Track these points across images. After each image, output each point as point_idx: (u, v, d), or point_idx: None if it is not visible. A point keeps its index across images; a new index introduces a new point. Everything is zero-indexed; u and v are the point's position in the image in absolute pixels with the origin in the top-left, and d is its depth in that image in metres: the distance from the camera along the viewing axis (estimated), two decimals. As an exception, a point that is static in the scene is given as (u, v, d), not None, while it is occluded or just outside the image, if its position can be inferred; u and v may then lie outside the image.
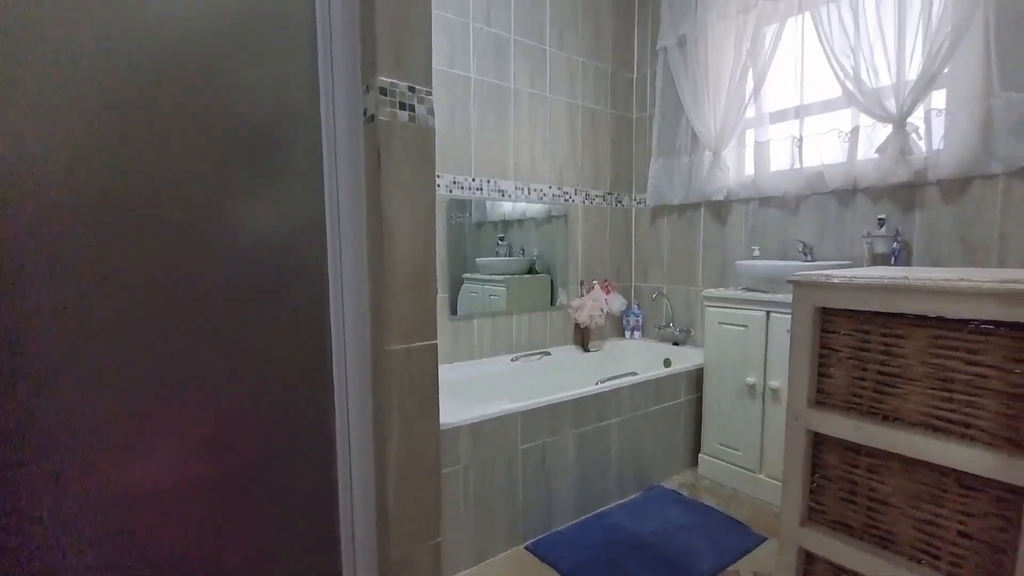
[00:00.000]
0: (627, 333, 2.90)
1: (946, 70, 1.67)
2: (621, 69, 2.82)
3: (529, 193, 2.50)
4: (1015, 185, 1.61)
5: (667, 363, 2.63)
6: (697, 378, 2.23)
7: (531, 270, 2.65)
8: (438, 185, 2.17)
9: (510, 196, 2.44)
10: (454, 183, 2.23)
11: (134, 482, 0.91)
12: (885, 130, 1.82)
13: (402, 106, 1.04)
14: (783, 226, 2.22)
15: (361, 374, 1.12)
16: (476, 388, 2.19)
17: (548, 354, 2.56)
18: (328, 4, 1.05)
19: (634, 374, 2.14)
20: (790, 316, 1.80)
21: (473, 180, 2.30)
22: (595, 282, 2.76)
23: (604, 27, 2.72)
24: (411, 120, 1.06)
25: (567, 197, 2.65)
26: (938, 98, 1.74)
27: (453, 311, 2.29)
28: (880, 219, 1.86)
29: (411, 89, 1.06)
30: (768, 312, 1.90)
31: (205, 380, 0.96)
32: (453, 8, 2.16)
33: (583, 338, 2.75)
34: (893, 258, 1.84)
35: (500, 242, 2.52)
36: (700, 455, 2.20)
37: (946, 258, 1.76)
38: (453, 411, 1.57)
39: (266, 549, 1.04)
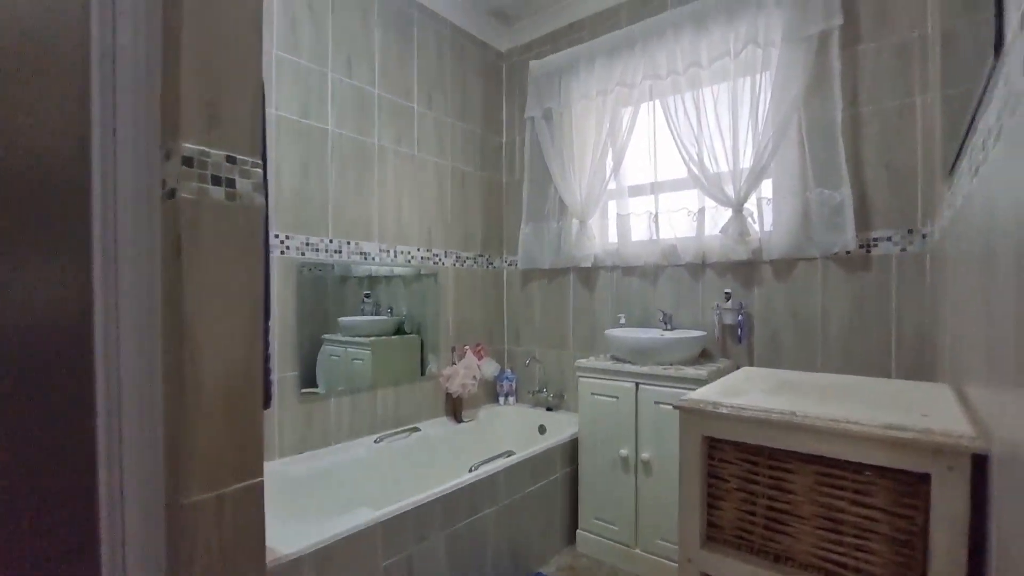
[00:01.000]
0: (501, 399, 2.79)
1: (772, 164, 1.88)
2: (490, 133, 2.83)
3: (396, 256, 2.31)
4: (830, 267, 1.84)
5: (542, 430, 2.56)
6: (572, 449, 2.17)
7: (399, 330, 2.43)
8: (286, 247, 1.89)
9: (374, 259, 2.22)
10: (307, 245, 1.96)
11: None
12: (727, 212, 1.99)
13: (216, 180, 0.81)
14: (645, 294, 2.32)
15: (147, 539, 0.81)
16: (330, 485, 1.87)
17: (417, 430, 2.32)
18: (111, 34, 0.80)
19: (510, 453, 2.01)
20: (660, 389, 1.85)
21: (331, 241, 2.05)
22: (467, 347, 2.62)
23: (472, 91, 2.71)
24: (229, 198, 0.83)
25: (437, 260, 2.51)
26: (768, 188, 1.95)
27: (307, 383, 1.97)
28: (727, 292, 2.02)
29: (230, 159, 0.83)
30: (637, 384, 1.92)
31: None
32: (308, 55, 1.96)
33: (455, 408, 2.56)
34: (739, 329, 1.99)
35: (366, 300, 2.27)
36: (578, 531, 2.11)
37: (781, 329, 1.94)
38: (293, 533, 1.27)
39: None
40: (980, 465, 0.56)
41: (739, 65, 1.96)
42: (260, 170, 0.87)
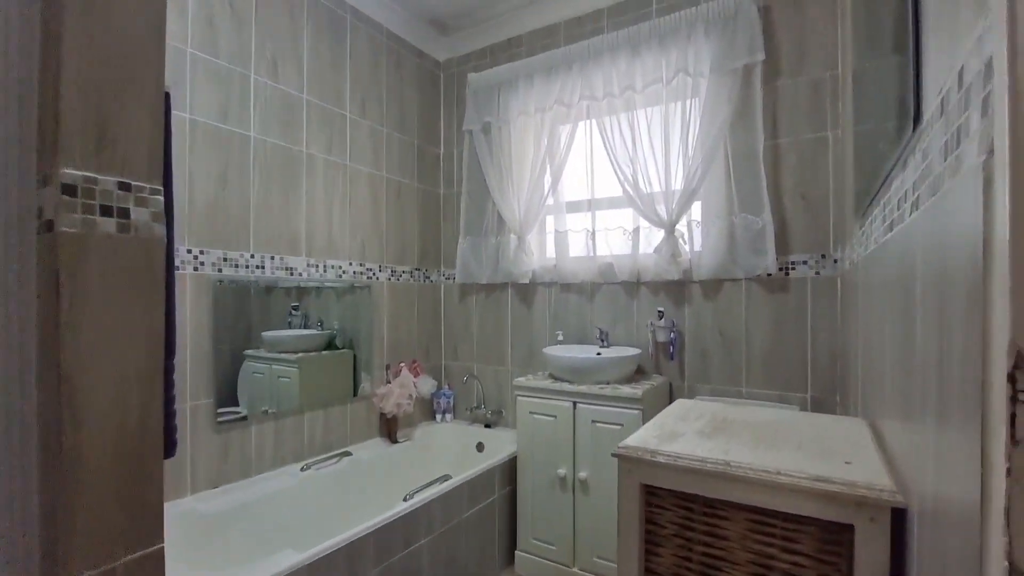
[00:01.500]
0: (438, 416, 2.72)
1: (701, 189, 1.96)
2: (427, 144, 2.76)
3: (325, 271, 2.19)
4: (754, 288, 1.94)
5: (480, 447, 2.52)
6: (511, 468, 2.14)
7: (330, 345, 2.29)
8: (200, 263, 1.73)
9: (301, 274, 2.09)
10: (224, 260, 1.81)
11: None
12: (660, 233, 2.05)
13: (106, 211, 0.71)
14: (582, 311, 2.34)
15: (11, 630, 0.69)
16: (249, 522, 1.73)
17: (348, 454, 2.20)
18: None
19: (447, 477, 1.95)
20: (597, 408, 1.87)
21: (252, 256, 1.90)
22: (402, 364, 2.53)
23: (409, 100, 2.63)
24: (122, 230, 0.73)
25: (371, 274, 2.40)
26: (697, 211, 2.03)
27: (227, 403, 1.81)
28: (660, 311, 2.08)
29: (123, 186, 0.73)
30: (575, 403, 1.92)
31: None
32: (228, 55, 1.81)
33: (390, 428, 2.46)
34: (671, 346, 2.05)
35: (293, 312, 2.13)
36: (517, 552, 2.09)
37: (709, 346, 2.02)
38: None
39: None
40: (900, 517, 0.59)
41: (671, 91, 2.03)
42: (160, 197, 0.77)
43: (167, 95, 0.98)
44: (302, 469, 2.01)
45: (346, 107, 2.29)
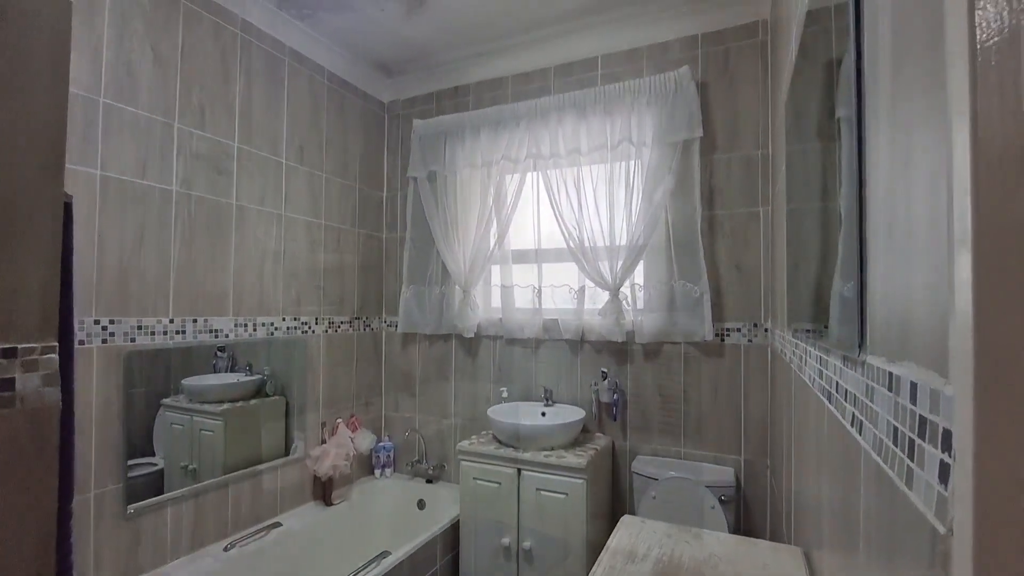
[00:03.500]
0: (377, 471, 2.60)
1: (644, 254, 2.01)
2: (370, 188, 2.66)
3: (255, 330, 2.04)
4: (692, 352, 2.00)
5: (421, 505, 2.43)
6: (453, 534, 2.08)
7: (260, 392, 2.13)
8: (110, 334, 1.56)
9: (227, 335, 1.94)
10: (139, 329, 1.64)
11: None
12: (605, 293, 2.08)
13: (-17, 386, 0.61)
14: (527, 365, 2.33)
15: None
16: (163, 623, 1.56)
17: (278, 525, 2.05)
18: None
19: (386, 554, 1.86)
20: (542, 476, 1.86)
21: (171, 321, 1.74)
22: (339, 421, 2.40)
23: (351, 144, 2.54)
24: (6, 405, 0.63)
25: (306, 328, 2.27)
26: (640, 274, 2.08)
27: (139, 454, 1.64)
28: (603, 371, 2.10)
29: (8, 353, 0.63)
30: (520, 470, 1.90)
31: None
32: (148, 104, 1.66)
33: (325, 490, 2.32)
34: (614, 407, 2.07)
35: (219, 354, 1.95)
36: (458, 622, 2.02)
37: (650, 407, 2.06)
38: None
39: None
40: None
41: (616, 155, 2.07)
42: (55, 354, 0.67)
43: (68, 205, 0.87)
44: (226, 549, 1.84)
45: (282, 154, 2.16)
